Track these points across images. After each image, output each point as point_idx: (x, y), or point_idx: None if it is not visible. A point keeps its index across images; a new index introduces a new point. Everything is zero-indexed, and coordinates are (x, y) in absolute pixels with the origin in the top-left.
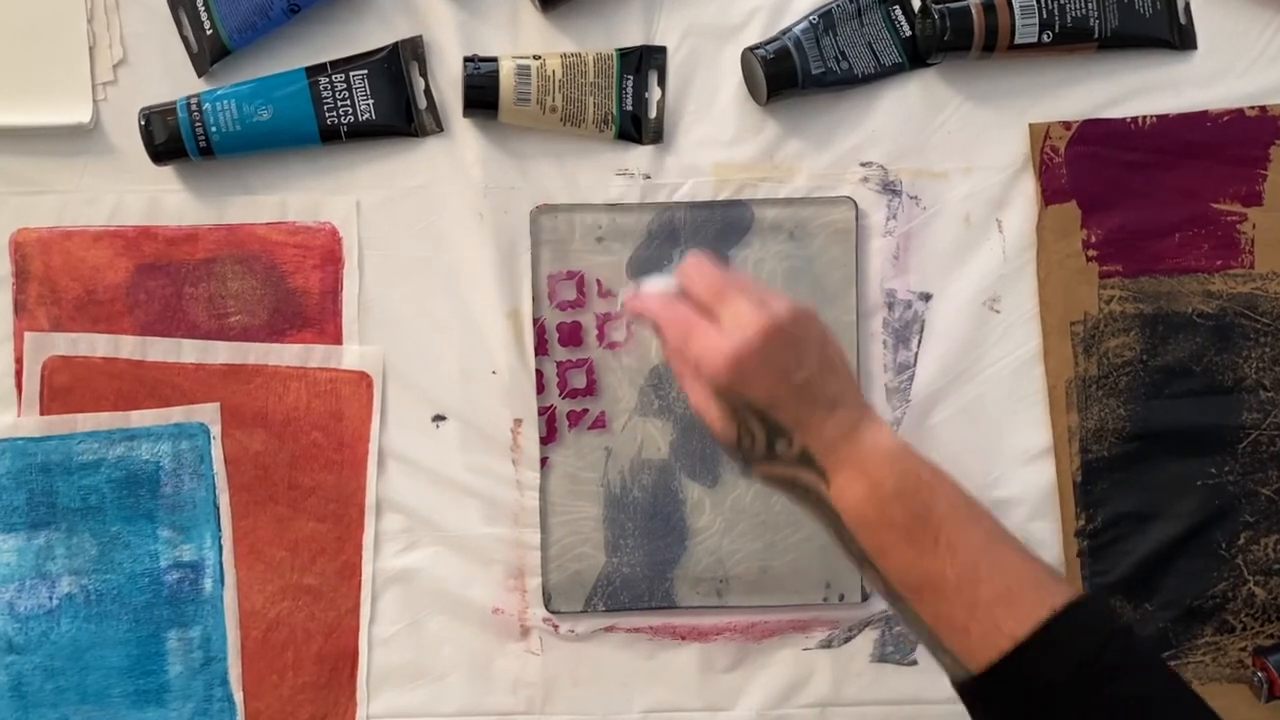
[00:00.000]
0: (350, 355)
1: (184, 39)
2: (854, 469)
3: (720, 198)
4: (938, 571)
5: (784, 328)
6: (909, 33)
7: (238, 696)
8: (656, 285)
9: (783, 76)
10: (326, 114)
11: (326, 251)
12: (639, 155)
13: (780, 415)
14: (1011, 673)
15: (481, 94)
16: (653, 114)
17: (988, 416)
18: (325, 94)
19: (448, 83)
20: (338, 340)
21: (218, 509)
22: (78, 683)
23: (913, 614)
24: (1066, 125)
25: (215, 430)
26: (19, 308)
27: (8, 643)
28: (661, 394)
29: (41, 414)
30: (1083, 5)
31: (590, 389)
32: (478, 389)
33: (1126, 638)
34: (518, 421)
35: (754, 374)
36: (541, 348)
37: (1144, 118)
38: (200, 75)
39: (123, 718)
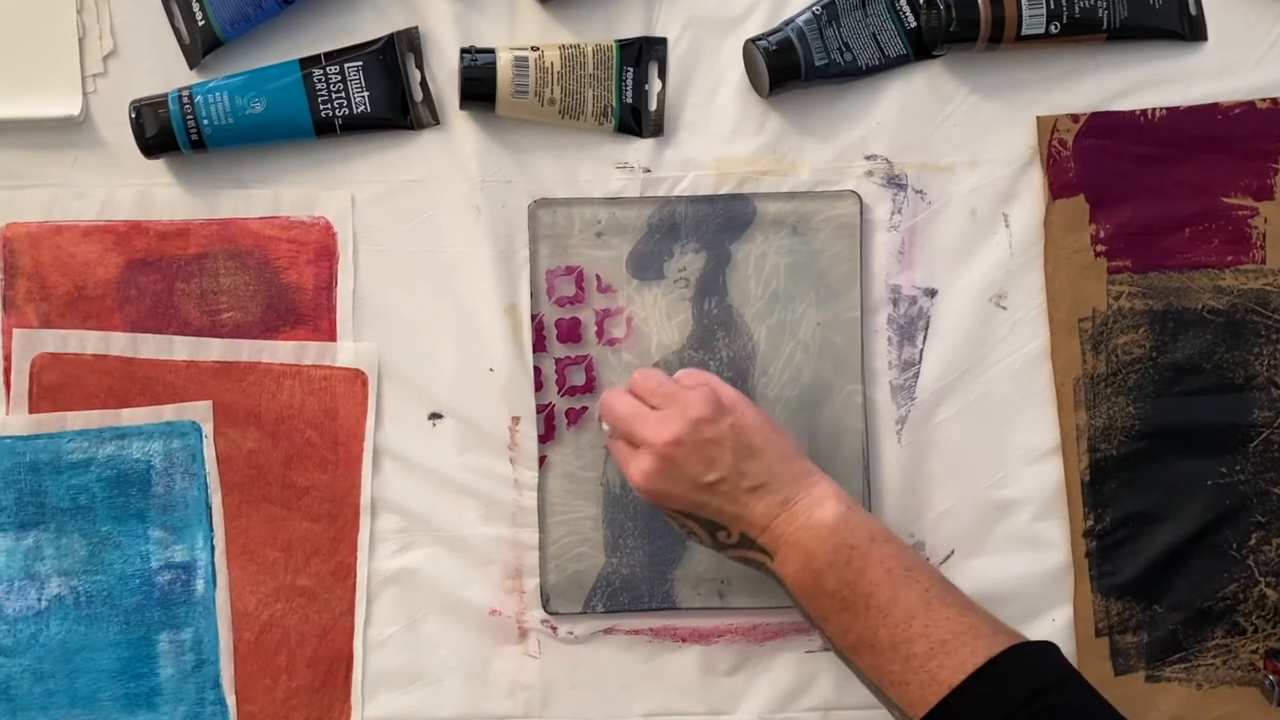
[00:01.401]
0: (345, 352)
1: (175, 30)
2: (790, 545)
3: (722, 192)
4: (870, 632)
5: (684, 440)
6: (914, 24)
7: (230, 700)
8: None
9: (785, 68)
10: (321, 106)
11: (320, 246)
12: (639, 148)
13: (706, 514)
14: (947, 718)
15: (478, 86)
16: (653, 106)
17: (994, 414)
18: (319, 86)
19: (444, 75)
20: (332, 337)
21: (210, 509)
22: (67, 686)
23: (859, 670)
24: (1074, 118)
25: (207, 429)
26: (7, 304)
27: None
28: None
29: (30, 412)
30: None
31: (589, 386)
32: (475, 386)
33: (1069, 685)
34: (515, 419)
35: (666, 490)
36: (540, 344)
37: (1153, 110)
38: (192, 67)
39: None
